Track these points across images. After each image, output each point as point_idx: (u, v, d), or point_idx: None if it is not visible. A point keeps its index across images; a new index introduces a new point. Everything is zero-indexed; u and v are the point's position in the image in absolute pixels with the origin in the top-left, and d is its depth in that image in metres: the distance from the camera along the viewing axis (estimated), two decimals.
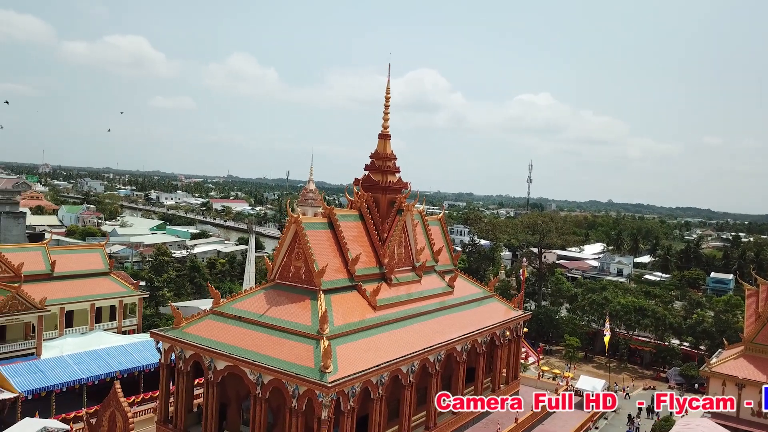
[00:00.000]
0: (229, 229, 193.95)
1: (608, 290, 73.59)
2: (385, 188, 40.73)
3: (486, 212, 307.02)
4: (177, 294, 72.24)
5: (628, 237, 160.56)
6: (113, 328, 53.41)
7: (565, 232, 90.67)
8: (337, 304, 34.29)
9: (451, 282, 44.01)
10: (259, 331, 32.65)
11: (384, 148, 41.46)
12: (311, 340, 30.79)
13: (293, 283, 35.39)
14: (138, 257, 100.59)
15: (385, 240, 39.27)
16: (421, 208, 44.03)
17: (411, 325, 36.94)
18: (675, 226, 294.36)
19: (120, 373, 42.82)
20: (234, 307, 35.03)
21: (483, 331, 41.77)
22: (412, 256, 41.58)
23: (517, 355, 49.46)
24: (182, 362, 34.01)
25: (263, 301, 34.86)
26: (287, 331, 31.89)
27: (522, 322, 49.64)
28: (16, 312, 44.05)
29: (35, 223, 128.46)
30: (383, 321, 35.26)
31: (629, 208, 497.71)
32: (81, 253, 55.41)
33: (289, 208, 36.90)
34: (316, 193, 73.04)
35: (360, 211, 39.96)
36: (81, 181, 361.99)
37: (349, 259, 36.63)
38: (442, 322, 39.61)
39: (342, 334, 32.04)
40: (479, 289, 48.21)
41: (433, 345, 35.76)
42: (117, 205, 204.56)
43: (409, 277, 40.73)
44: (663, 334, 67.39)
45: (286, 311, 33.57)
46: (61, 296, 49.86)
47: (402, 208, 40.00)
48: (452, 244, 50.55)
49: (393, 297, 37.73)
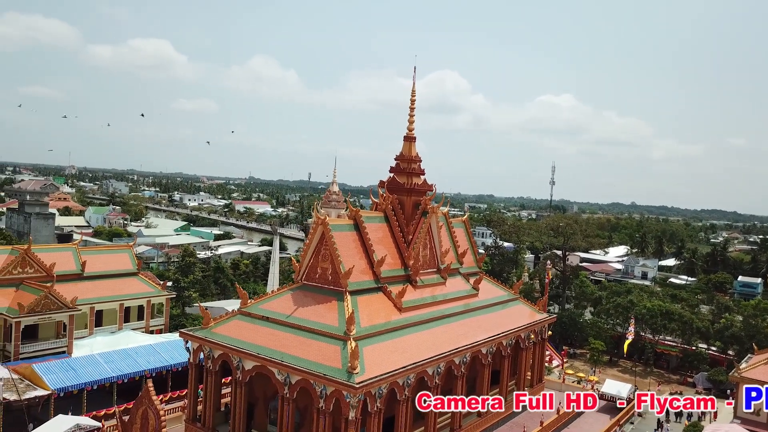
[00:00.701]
0: (251, 230, 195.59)
1: (633, 293, 72.78)
2: (410, 190, 40.90)
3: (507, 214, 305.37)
4: (202, 294, 73.17)
5: (652, 240, 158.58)
6: (141, 328, 54.29)
7: (589, 234, 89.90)
8: (363, 305, 34.51)
9: (475, 284, 44.00)
10: (286, 331, 33.02)
11: (409, 150, 41.63)
12: (338, 341, 31.06)
13: (320, 284, 35.71)
14: (163, 258, 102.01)
15: (410, 242, 39.43)
16: (446, 210, 44.06)
17: (436, 327, 37.05)
18: (700, 229, 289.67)
19: (149, 371, 43.56)
20: (261, 307, 35.46)
21: (508, 334, 41.72)
22: (437, 258, 41.67)
23: (541, 358, 49.26)
24: (211, 362, 34.51)
25: (290, 302, 35.23)
26: (314, 331, 32.20)
27: (547, 325, 49.42)
28: (48, 311, 45.07)
29: (63, 224, 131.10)
30: (409, 323, 35.43)
31: (653, 210, 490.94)
32: (110, 254, 56.46)
33: (316, 211, 37.24)
34: (339, 195, 73.67)
35: (385, 212, 40.17)
36: (106, 182, 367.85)
37: (375, 261, 36.86)
38: (467, 325, 39.66)
39: (368, 336, 32.26)
40: (504, 291, 48.11)
41: (458, 347, 35.84)
42: (142, 206, 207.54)
43: (434, 279, 40.83)
44: (690, 338, 66.47)
45: (313, 312, 33.90)
46: (91, 296, 50.84)
47: (427, 210, 40.12)
48: (476, 246, 50.46)
49: (418, 299, 37.86)
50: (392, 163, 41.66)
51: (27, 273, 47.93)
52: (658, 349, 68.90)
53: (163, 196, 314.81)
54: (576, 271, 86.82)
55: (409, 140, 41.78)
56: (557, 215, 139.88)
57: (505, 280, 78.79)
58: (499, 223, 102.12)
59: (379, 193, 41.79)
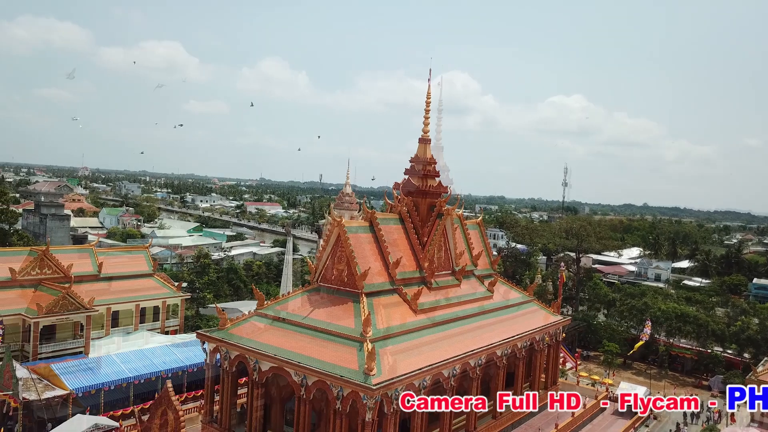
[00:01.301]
0: (264, 232, 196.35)
1: (648, 296, 72.32)
2: (425, 192, 40.99)
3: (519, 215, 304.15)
4: (216, 295, 73.62)
5: (665, 241, 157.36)
6: (156, 329, 54.77)
7: (603, 236, 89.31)
8: (379, 307, 34.62)
9: (490, 286, 43.99)
10: (303, 333, 33.20)
11: (424, 152, 41.74)
12: (355, 342, 31.18)
13: (336, 285, 35.85)
14: (176, 259, 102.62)
15: (425, 244, 39.51)
16: (460, 212, 44.11)
17: (452, 329, 37.09)
18: (714, 230, 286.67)
19: (165, 372, 43.89)
20: (278, 309, 35.65)
21: (523, 336, 41.66)
22: (452, 260, 41.70)
23: (556, 361, 49.14)
24: (227, 363, 34.74)
25: (306, 304, 35.41)
26: (331, 333, 32.35)
27: (561, 327, 49.28)
28: (66, 312, 45.60)
29: (77, 225, 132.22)
30: (424, 325, 35.49)
31: (665, 212, 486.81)
32: (126, 255, 57.06)
33: (333, 214, 37.44)
34: (353, 197, 73.77)
35: (400, 215, 40.27)
36: (119, 184, 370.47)
37: (390, 263, 36.94)
38: (483, 327, 39.65)
39: (384, 337, 32.36)
40: (518, 293, 48.05)
41: (474, 349, 35.85)
42: (155, 207, 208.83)
43: (449, 281, 40.86)
44: (705, 341, 65.97)
45: (330, 314, 34.05)
46: (108, 297, 51.37)
47: (442, 212, 40.18)
48: (491, 249, 50.43)
49: (433, 301, 37.92)
50: (404, 163, 41.84)
51: (45, 274, 48.52)
52: (672, 351, 68.42)
53: (174, 198, 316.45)
54: (590, 273, 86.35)
55: (425, 142, 41.88)
56: (570, 217, 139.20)
57: (518, 282, 78.54)
58: (512, 225, 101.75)
59: (394, 195, 41.91)
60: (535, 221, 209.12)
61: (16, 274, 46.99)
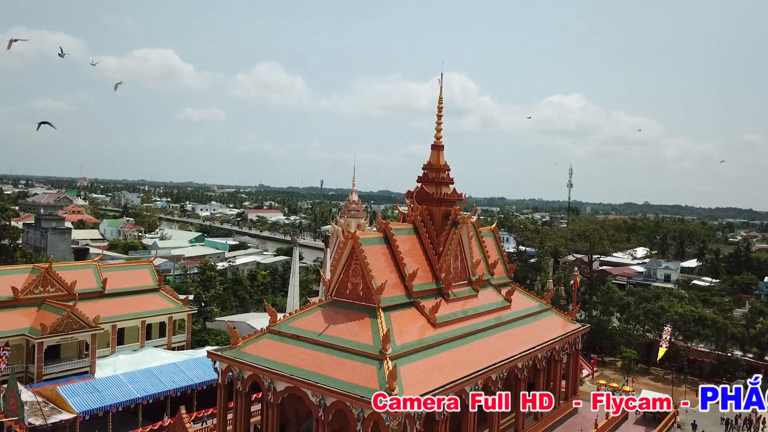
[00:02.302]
0: (266, 240, 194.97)
1: (663, 299, 70.85)
2: (439, 200, 39.76)
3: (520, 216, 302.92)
4: (222, 308, 72.17)
5: (673, 241, 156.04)
6: (163, 345, 53.39)
7: (616, 239, 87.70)
8: (397, 321, 33.32)
9: (508, 296, 42.69)
10: (318, 350, 31.86)
11: (437, 159, 40.52)
12: (374, 360, 29.87)
13: (351, 300, 34.54)
14: (180, 270, 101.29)
15: (441, 254, 38.22)
16: (475, 219, 42.75)
17: (472, 343, 35.79)
18: (717, 228, 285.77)
19: (173, 391, 42.53)
20: (291, 325, 34.33)
21: (543, 347, 40.36)
22: (468, 269, 40.42)
23: (575, 370, 47.83)
24: (240, 383, 33.39)
25: (321, 320, 34.08)
26: (348, 350, 31.03)
27: (580, 335, 47.97)
28: (70, 331, 44.24)
29: (78, 238, 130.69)
30: (444, 339, 34.17)
31: (667, 210, 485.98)
32: (131, 270, 55.68)
33: (341, 222, 36.11)
34: (359, 204, 72.34)
35: (414, 224, 39.00)
36: (118, 194, 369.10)
37: (406, 275, 35.65)
38: (503, 339, 38.37)
39: (404, 354, 31.05)
40: (536, 302, 46.77)
41: (496, 363, 34.53)
42: (155, 217, 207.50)
43: (466, 291, 39.55)
44: (725, 344, 64.51)
45: (346, 330, 32.73)
46: (113, 314, 49.98)
47: (457, 220, 38.91)
48: (506, 256, 49.09)
49: (452, 313, 36.60)
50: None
51: (48, 292, 47.17)
52: (691, 356, 66.89)
53: (174, 207, 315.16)
54: (603, 277, 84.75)
55: (437, 149, 40.69)
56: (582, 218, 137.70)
57: (529, 287, 77.14)
58: (521, 229, 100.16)
59: (406, 203, 40.66)
60: (537, 222, 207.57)
61: (18, 293, 45.66)
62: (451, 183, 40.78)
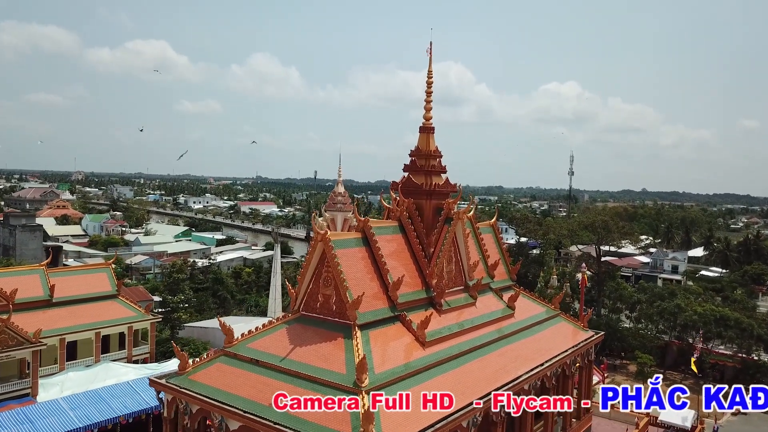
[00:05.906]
0: (257, 233, 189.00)
1: (679, 296, 64.75)
2: (429, 192, 33.66)
3: (519, 205, 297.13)
4: (198, 311, 66.12)
5: (677, 229, 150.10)
6: (123, 358, 47.49)
7: (627, 231, 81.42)
8: (377, 341, 27.38)
9: (511, 302, 36.67)
10: (281, 379, 25.89)
11: (427, 143, 34.37)
12: (347, 393, 23.94)
13: (322, 315, 28.57)
14: (159, 268, 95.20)
15: (432, 256, 32.23)
16: (472, 214, 36.64)
17: (470, 363, 29.81)
18: (717, 214, 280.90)
19: (124, 417, 36.67)
20: (250, 347, 28.33)
21: (553, 363, 34.39)
22: (464, 273, 34.40)
23: (588, 385, 41.87)
24: (188, 418, 27.46)
25: (285, 340, 28.09)
26: (317, 381, 25.05)
27: (593, 345, 42.03)
28: (6, 348, 38.24)
29: (58, 234, 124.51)
30: (435, 361, 28.18)
31: (664, 197, 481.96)
32: (85, 274, 49.44)
33: (314, 222, 29.99)
34: (346, 196, 66.21)
35: (400, 221, 32.95)
36: (111, 187, 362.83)
37: (390, 283, 29.64)
38: (506, 354, 32.40)
39: (385, 384, 25.06)
40: (542, 307, 40.75)
41: (499, 387, 28.54)
42: (144, 211, 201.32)
43: (462, 299, 33.54)
44: (750, 346, 58.62)
45: (315, 353, 26.77)
46: (61, 325, 44.02)
47: (451, 216, 32.83)
48: (507, 255, 43.05)
49: (445, 327, 30.61)
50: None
51: None
52: (712, 360, 60.91)
53: (167, 200, 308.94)
54: (612, 272, 78.46)
55: (427, 131, 34.52)
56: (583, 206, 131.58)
57: (530, 284, 71.20)
58: (523, 221, 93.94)
59: (392, 197, 34.62)
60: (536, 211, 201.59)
61: None
62: (443, 172, 34.70)
